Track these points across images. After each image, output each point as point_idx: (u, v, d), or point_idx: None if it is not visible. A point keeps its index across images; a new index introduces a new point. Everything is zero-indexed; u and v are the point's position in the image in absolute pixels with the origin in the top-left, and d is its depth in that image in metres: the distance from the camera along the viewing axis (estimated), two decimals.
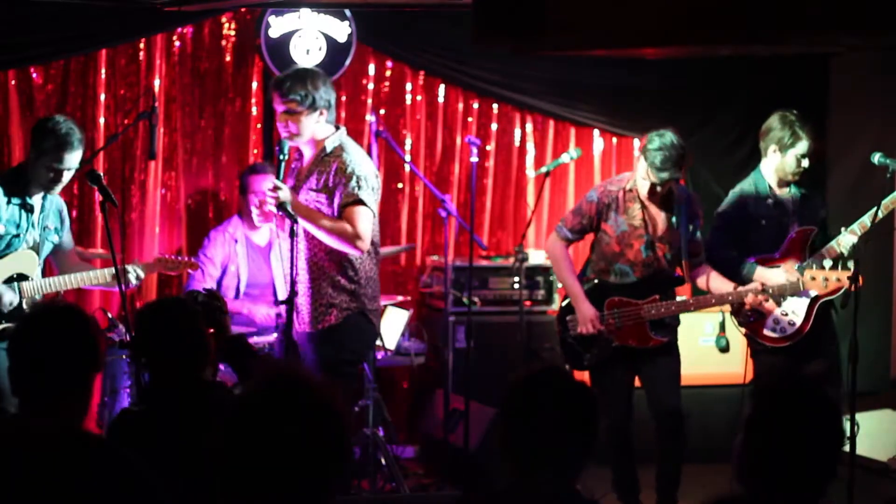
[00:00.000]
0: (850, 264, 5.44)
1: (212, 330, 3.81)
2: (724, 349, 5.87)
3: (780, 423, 2.71)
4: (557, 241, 5.71)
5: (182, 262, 5.71)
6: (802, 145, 5.62)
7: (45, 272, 5.54)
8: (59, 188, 5.33)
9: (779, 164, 5.68)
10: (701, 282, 5.67)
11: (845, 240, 5.54)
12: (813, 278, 5.46)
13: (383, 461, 6.09)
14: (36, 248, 5.34)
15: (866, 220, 5.48)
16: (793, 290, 5.52)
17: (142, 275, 5.47)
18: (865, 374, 5.99)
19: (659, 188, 5.47)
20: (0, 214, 5.25)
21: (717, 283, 5.61)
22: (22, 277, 5.28)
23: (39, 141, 5.25)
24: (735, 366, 6.89)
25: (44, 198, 5.37)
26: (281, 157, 5.16)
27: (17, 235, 5.28)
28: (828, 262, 5.55)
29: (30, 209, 5.32)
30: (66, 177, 5.29)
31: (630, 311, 5.55)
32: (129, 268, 5.38)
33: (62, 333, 3.10)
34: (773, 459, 2.69)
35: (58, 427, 2.40)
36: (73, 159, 5.24)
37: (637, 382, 5.69)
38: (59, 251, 5.55)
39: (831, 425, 2.76)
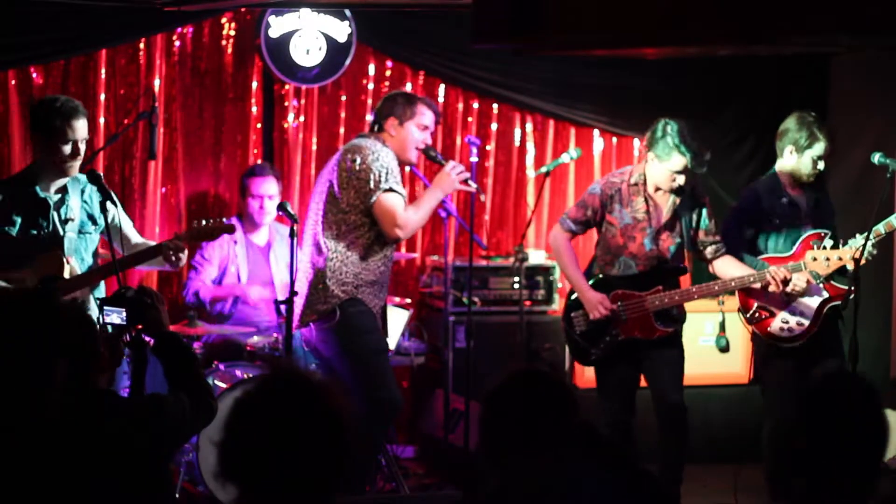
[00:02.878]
0: (850, 243, 5.43)
1: (139, 326, 3.61)
2: (724, 349, 5.84)
3: (834, 424, 2.72)
4: (561, 232, 5.71)
5: (216, 225, 5.18)
6: (819, 147, 5.60)
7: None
8: (77, 164, 4.97)
9: (795, 165, 5.65)
10: (721, 271, 5.61)
11: (858, 245, 5.46)
12: (814, 258, 5.44)
13: (383, 461, 6.09)
14: (59, 244, 4.97)
15: (882, 227, 5.40)
16: (794, 270, 5.47)
17: (183, 254, 5.01)
18: (865, 375, 5.97)
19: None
20: (14, 223, 4.95)
21: (734, 269, 5.58)
22: (53, 279, 4.86)
23: (44, 121, 4.95)
24: (735, 366, 6.91)
25: (65, 191, 5.03)
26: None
27: (38, 237, 4.96)
28: (828, 242, 5.53)
29: (44, 207, 4.98)
30: (82, 149, 4.96)
31: (634, 304, 5.55)
32: (171, 243, 4.96)
33: (15, 324, 2.99)
34: (823, 460, 2.70)
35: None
36: (83, 127, 4.95)
37: (641, 382, 5.68)
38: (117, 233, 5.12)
39: (881, 426, 2.77)
